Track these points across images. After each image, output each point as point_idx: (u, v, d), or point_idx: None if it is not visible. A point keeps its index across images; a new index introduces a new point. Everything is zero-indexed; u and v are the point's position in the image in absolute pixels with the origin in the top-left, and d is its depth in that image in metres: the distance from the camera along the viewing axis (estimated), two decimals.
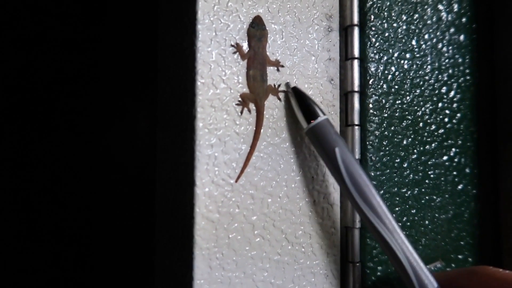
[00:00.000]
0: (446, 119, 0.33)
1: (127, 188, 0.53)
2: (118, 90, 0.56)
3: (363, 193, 0.27)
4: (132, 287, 0.51)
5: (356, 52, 0.31)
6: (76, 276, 0.60)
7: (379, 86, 0.32)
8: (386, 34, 0.32)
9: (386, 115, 0.32)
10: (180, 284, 0.29)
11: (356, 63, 0.31)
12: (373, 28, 0.32)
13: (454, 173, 0.33)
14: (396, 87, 0.32)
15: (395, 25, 0.32)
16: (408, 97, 0.32)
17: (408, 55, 0.32)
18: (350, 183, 0.27)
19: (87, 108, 0.60)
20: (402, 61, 0.32)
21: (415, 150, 0.32)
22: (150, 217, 0.40)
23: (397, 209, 0.32)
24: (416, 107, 0.32)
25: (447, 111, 0.33)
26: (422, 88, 0.33)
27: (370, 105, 0.31)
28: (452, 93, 0.33)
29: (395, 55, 0.32)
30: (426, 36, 0.33)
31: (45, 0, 0.58)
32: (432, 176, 0.32)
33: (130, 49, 0.54)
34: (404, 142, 0.32)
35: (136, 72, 0.52)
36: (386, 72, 0.32)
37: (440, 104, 0.33)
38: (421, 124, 0.32)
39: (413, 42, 0.33)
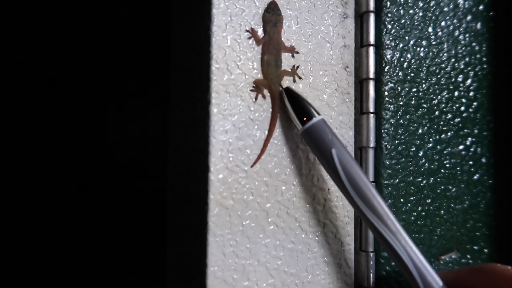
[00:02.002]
0: (463, 108, 0.33)
1: (138, 178, 0.53)
2: (128, 80, 0.56)
3: (363, 195, 0.26)
4: (144, 276, 0.51)
5: (372, 39, 0.31)
6: (86, 267, 0.60)
7: (394, 74, 0.31)
8: (402, 21, 0.32)
9: (401, 103, 0.31)
10: (193, 271, 0.29)
11: (371, 50, 0.31)
12: (389, 15, 0.31)
13: (470, 162, 0.32)
14: (412, 74, 0.32)
15: (411, 11, 0.32)
16: (424, 85, 0.32)
17: (424, 42, 0.32)
18: (349, 185, 0.26)
19: (97, 99, 0.60)
20: (418, 49, 0.32)
21: (430, 139, 0.32)
22: (162, 207, 0.40)
23: (412, 198, 0.31)
24: (432, 95, 0.32)
25: (463, 100, 0.33)
26: (438, 76, 0.32)
27: (386, 93, 0.31)
28: (468, 82, 0.33)
29: (411, 42, 0.32)
30: (443, 23, 0.32)
31: None
32: (448, 165, 0.32)
33: (141, 38, 0.53)
34: (420, 131, 0.32)
35: (147, 62, 0.52)
36: (402, 59, 0.31)
37: (456, 93, 0.32)
38: (437, 113, 0.32)
39: (430, 29, 0.32)
